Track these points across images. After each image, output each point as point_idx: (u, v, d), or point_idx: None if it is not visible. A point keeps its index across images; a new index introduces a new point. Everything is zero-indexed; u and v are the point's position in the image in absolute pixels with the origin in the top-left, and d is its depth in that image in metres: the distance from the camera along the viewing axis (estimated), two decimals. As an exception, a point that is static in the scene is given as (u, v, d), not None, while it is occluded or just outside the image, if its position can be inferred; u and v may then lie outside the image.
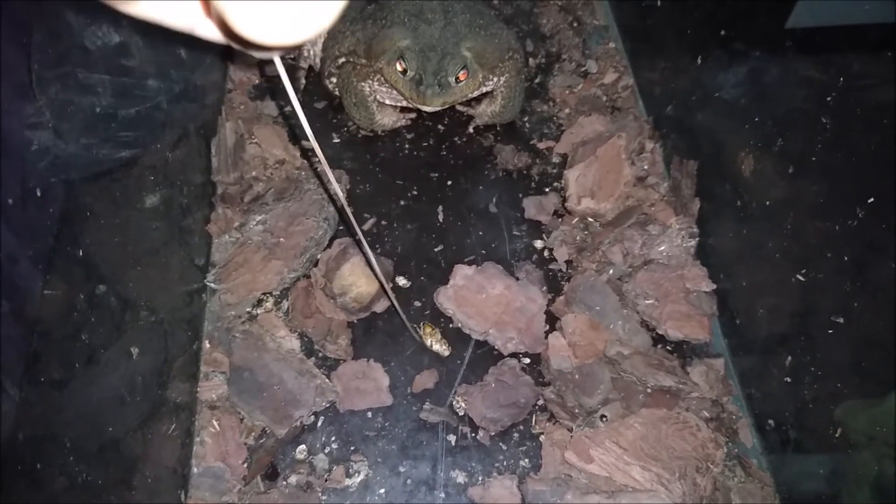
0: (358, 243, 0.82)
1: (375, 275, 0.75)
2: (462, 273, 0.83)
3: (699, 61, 0.87)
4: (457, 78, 0.85)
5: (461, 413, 0.77)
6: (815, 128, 0.64)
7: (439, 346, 0.81)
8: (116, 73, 0.70)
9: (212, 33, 0.27)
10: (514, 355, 0.80)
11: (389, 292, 0.73)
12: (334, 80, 0.99)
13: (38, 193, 0.56)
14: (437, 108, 0.94)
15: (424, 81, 0.83)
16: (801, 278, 0.67)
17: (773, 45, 0.72)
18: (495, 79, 0.93)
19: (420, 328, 0.81)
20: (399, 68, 0.85)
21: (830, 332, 0.63)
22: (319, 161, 0.43)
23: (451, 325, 0.82)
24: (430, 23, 0.86)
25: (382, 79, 0.90)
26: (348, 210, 0.54)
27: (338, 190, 0.49)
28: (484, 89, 0.93)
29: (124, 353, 0.65)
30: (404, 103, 0.94)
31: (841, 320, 0.62)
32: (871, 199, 0.57)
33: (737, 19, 0.78)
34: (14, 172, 0.54)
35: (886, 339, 0.57)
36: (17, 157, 0.55)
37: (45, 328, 0.54)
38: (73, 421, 0.56)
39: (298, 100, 0.40)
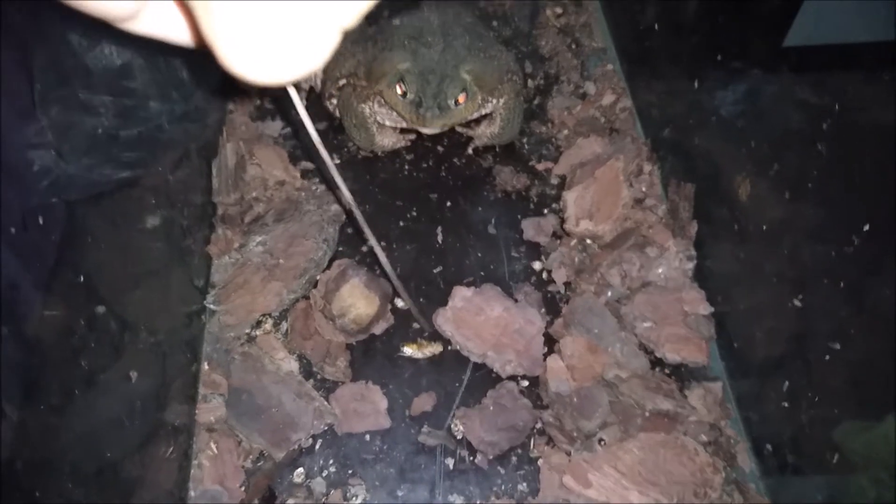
0: (374, 257, 0.82)
1: (386, 275, 0.73)
2: (461, 295, 0.84)
3: (696, 84, 0.87)
4: (456, 100, 0.85)
5: (459, 436, 0.77)
6: (811, 153, 0.65)
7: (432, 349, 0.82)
8: (118, 93, 0.70)
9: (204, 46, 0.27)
10: (512, 378, 0.80)
11: (397, 281, 0.68)
12: (335, 101, 0.99)
13: (39, 213, 0.57)
14: (437, 131, 0.94)
15: (424, 104, 0.84)
16: (798, 303, 0.68)
17: (770, 68, 0.73)
18: (494, 101, 0.94)
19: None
20: (399, 91, 0.86)
21: (828, 357, 0.63)
22: (329, 169, 0.43)
23: (449, 348, 0.82)
24: (429, 46, 0.87)
25: (382, 100, 0.91)
26: (358, 213, 0.53)
27: (349, 197, 0.48)
28: (483, 111, 0.94)
29: (123, 375, 0.65)
30: (404, 125, 0.94)
31: (838, 346, 0.62)
32: (867, 227, 0.57)
33: (734, 42, 0.79)
34: (15, 193, 0.54)
35: (884, 365, 0.57)
36: (18, 177, 0.55)
37: (44, 349, 0.54)
38: (71, 443, 0.56)
39: (314, 127, 0.41)
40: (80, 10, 0.25)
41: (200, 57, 0.26)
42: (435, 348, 0.82)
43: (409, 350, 0.82)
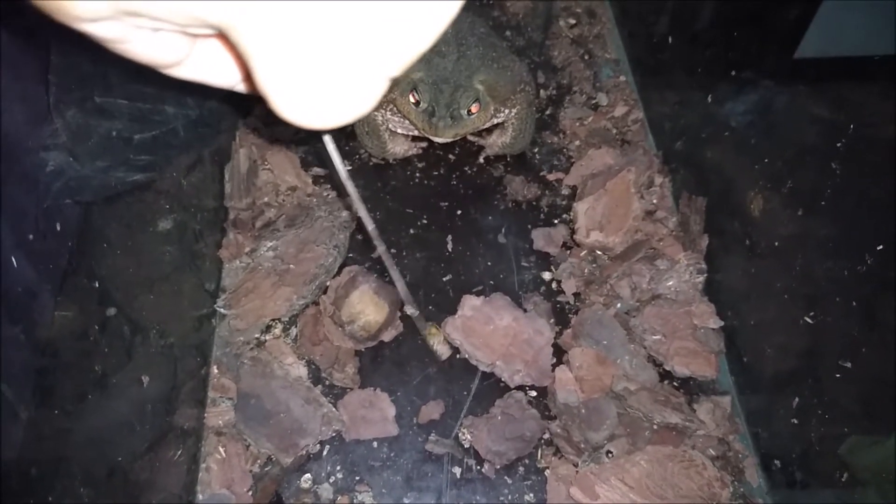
0: (384, 266, 0.82)
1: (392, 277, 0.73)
2: (470, 303, 0.84)
3: (709, 98, 0.87)
4: (469, 110, 0.86)
5: (467, 445, 0.77)
6: (825, 170, 0.65)
7: (440, 347, 0.82)
8: (133, 97, 0.71)
9: (252, 90, 0.28)
10: (520, 388, 0.80)
11: (404, 290, 0.68)
12: None
13: (53, 215, 0.57)
14: (449, 140, 0.94)
15: (437, 113, 0.84)
16: (809, 320, 0.67)
17: (783, 80, 0.73)
18: (507, 111, 0.94)
19: (427, 327, 0.82)
20: (412, 100, 0.86)
21: (838, 375, 0.63)
22: (344, 181, 0.43)
23: (458, 356, 0.82)
24: (443, 56, 0.87)
25: (395, 108, 0.91)
26: (368, 222, 0.53)
27: (363, 213, 0.49)
28: (495, 121, 0.94)
29: (134, 377, 0.65)
30: (416, 132, 0.95)
31: (849, 365, 0.62)
32: (881, 246, 0.57)
33: (747, 55, 0.79)
34: (29, 194, 0.55)
35: (894, 387, 0.57)
36: (32, 178, 0.56)
37: (56, 350, 0.54)
38: (82, 444, 0.57)
39: (345, 171, 0.41)
40: (128, 57, 0.26)
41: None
42: (442, 349, 0.82)
43: (434, 340, 0.82)
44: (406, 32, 0.22)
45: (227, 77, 0.29)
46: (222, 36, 0.25)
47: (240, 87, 0.29)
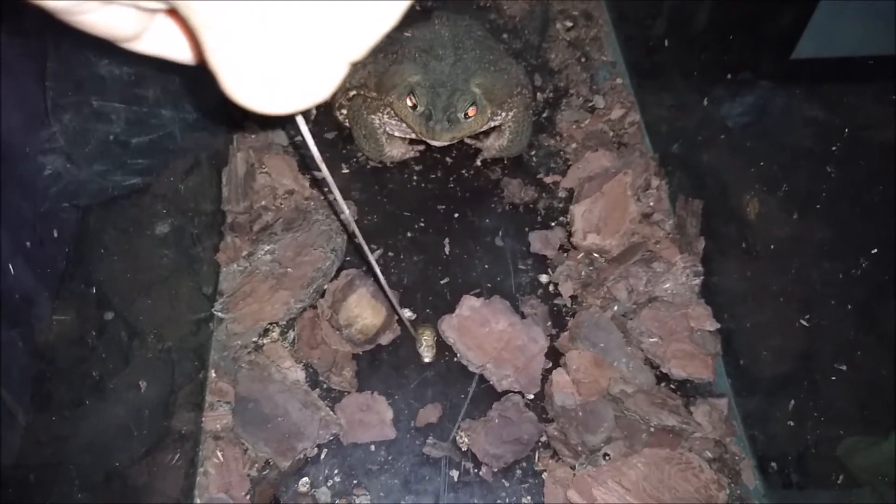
0: (370, 270, 0.83)
1: (382, 290, 0.73)
2: (469, 304, 0.84)
3: (706, 101, 0.88)
4: (466, 114, 0.86)
5: (464, 448, 0.77)
6: (820, 173, 0.65)
7: (427, 351, 0.82)
8: (130, 101, 0.71)
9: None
10: (508, 392, 0.80)
11: (381, 276, 0.68)
12: (344, 111, 1.00)
13: (50, 219, 0.57)
14: (446, 143, 0.95)
15: (434, 117, 0.85)
16: (805, 323, 0.68)
17: (779, 82, 0.73)
18: (503, 114, 0.94)
19: (418, 328, 0.83)
20: (409, 103, 0.86)
21: (833, 378, 0.63)
22: (331, 191, 0.43)
23: (455, 359, 0.83)
24: (440, 59, 0.87)
25: (392, 111, 0.91)
26: (360, 237, 0.54)
27: (351, 220, 0.49)
28: (492, 124, 0.95)
29: (131, 382, 0.65)
30: (413, 135, 0.95)
31: (844, 368, 0.62)
32: (875, 250, 0.57)
33: (743, 58, 0.79)
34: (26, 198, 0.55)
35: (890, 389, 0.57)
36: (30, 183, 0.56)
37: (54, 355, 0.55)
38: (79, 449, 0.57)
39: (320, 152, 0.41)
40: (84, 30, 0.25)
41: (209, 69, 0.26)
42: (428, 354, 0.83)
43: (423, 346, 0.83)
44: (366, 14, 0.22)
45: (188, 52, 0.28)
46: (174, 12, 0.24)
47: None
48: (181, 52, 0.28)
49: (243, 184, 0.93)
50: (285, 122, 1.02)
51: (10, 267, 0.50)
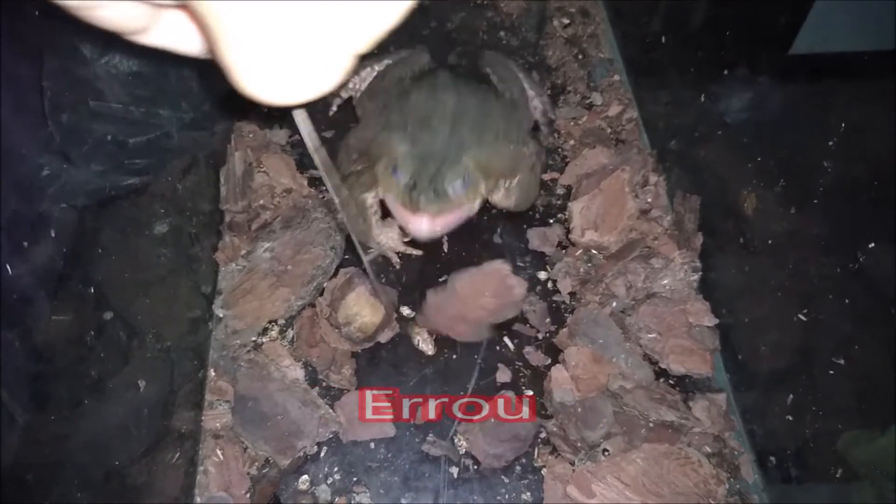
0: (364, 271, 0.82)
1: (376, 293, 0.73)
2: (431, 299, 0.82)
3: (703, 97, 0.88)
4: (454, 187, 0.79)
5: (463, 447, 0.77)
6: (817, 169, 0.65)
7: (425, 346, 0.83)
8: (127, 101, 0.71)
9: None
10: (515, 387, 0.80)
11: (371, 273, 0.69)
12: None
13: (47, 219, 0.57)
14: (436, 232, 0.83)
15: (419, 186, 0.78)
16: (803, 318, 0.68)
17: (776, 78, 0.73)
18: (507, 182, 0.89)
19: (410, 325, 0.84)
20: (394, 174, 0.80)
21: (832, 372, 0.63)
22: (328, 190, 0.44)
23: (454, 357, 0.83)
24: (434, 132, 0.82)
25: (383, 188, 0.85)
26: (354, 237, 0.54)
27: (345, 218, 0.49)
28: (494, 196, 0.90)
29: (130, 381, 0.66)
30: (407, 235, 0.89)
31: (842, 361, 0.62)
32: (872, 244, 0.57)
33: (740, 54, 0.79)
34: (24, 198, 0.55)
35: (888, 378, 0.57)
36: (27, 183, 0.56)
37: (53, 355, 0.55)
38: (78, 448, 0.57)
39: (318, 145, 0.41)
40: (94, 24, 0.25)
41: (209, 65, 0.26)
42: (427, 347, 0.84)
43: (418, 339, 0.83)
44: (372, 7, 0.22)
45: (196, 45, 0.29)
46: (183, 5, 0.25)
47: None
48: (189, 45, 0.29)
49: (241, 183, 0.93)
50: (289, 120, 1.02)
51: (8, 267, 0.50)
